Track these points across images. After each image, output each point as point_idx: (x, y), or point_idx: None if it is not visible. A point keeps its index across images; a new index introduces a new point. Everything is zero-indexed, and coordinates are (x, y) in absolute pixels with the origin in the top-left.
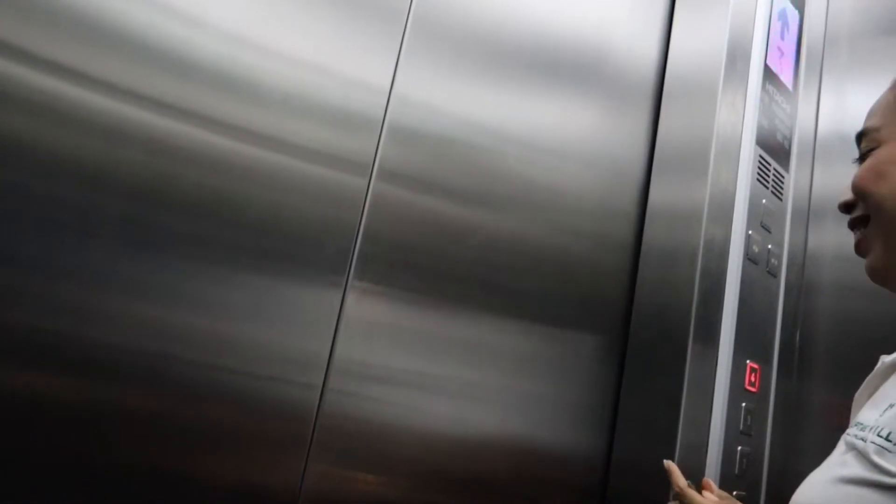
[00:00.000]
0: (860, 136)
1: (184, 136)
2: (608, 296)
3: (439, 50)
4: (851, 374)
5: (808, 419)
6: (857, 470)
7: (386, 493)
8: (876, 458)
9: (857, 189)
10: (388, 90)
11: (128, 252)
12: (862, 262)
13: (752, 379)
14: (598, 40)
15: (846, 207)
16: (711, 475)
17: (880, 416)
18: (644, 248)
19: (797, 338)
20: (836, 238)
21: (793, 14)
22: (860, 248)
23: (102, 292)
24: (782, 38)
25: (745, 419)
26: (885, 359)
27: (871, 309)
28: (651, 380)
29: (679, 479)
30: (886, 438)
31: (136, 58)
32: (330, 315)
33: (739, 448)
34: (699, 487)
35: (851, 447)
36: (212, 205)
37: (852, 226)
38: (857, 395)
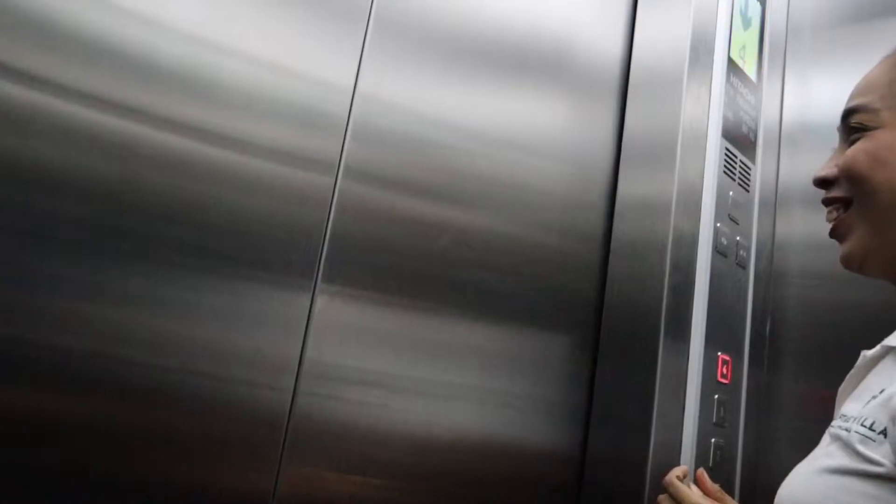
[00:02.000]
0: (851, 112)
1: (145, 139)
2: (580, 291)
3: (403, 48)
4: (821, 362)
5: (780, 408)
6: (842, 460)
7: (361, 496)
8: (860, 448)
9: (851, 171)
10: (352, 89)
11: (90, 257)
12: (828, 250)
13: (724, 371)
14: (563, 35)
15: (823, 183)
16: (686, 467)
17: (863, 406)
18: (614, 242)
19: (767, 328)
20: (803, 227)
21: (755, 6)
22: (837, 231)
23: (65, 298)
24: (745, 30)
25: (718, 411)
26: (867, 353)
27: (838, 296)
28: (624, 374)
29: (672, 471)
30: (870, 428)
31: (94, 60)
32: (300, 317)
33: (713, 440)
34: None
35: (836, 438)
36: (175, 208)
37: (828, 203)
38: (841, 389)
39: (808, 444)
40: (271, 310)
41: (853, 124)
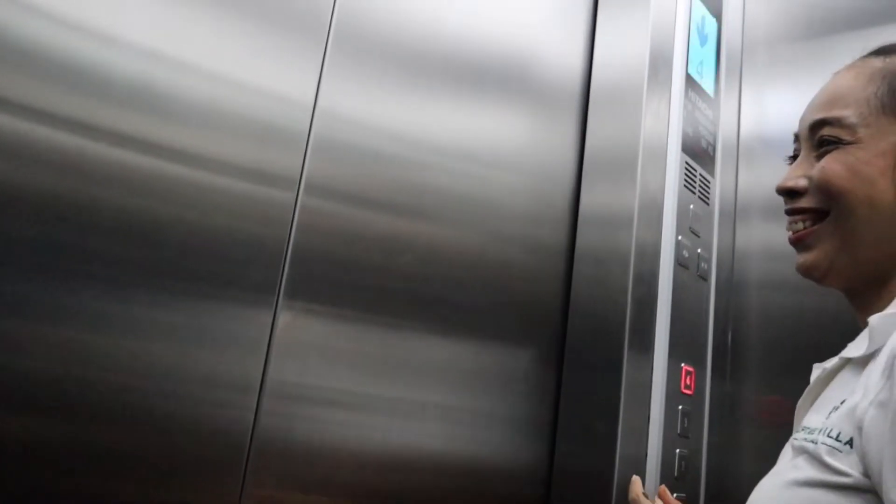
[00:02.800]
0: (822, 124)
1: (99, 156)
2: (544, 304)
3: (363, 63)
4: (782, 370)
5: (743, 417)
6: (810, 472)
7: None
8: (828, 459)
9: (829, 185)
10: (313, 104)
11: (43, 277)
12: (786, 260)
13: (688, 382)
14: (523, 50)
15: (791, 193)
16: (651, 478)
17: (826, 418)
18: (577, 255)
19: (729, 338)
20: (762, 238)
21: (711, 23)
22: (803, 241)
23: (20, 319)
24: (702, 46)
25: (683, 422)
26: (825, 365)
27: (796, 304)
28: (589, 387)
29: (636, 487)
30: (836, 439)
31: (47, 76)
32: (261, 335)
33: (678, 451)
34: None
35: (802, 451)
36: (132, 226)
37: (795, 213)
38: (800, 403)
39: (771, 452)
40: (232, 328)
41: (825, 136)
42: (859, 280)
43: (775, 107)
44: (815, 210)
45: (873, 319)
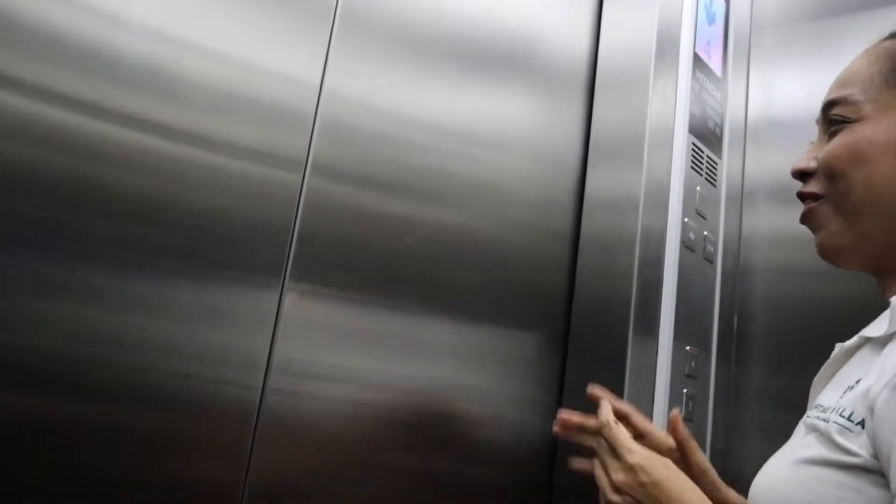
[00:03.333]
0: (831, 104)
1: (108, 137)
2: (549, 288)
3: (370, 44)
4: (787, 355)
5: (748, 401)
6: (820, 451)
7: (331, 492)
8: (838, 438)
9: (829, 167)
10: (319, 85)
11: (54, 257)
12: (794, 244)
13: (693, 365)
14: (530, 32)
15: (802, 175)
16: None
17: (840, 397)
18: (583, 238)
19: (735, 322)
20: (769, 221)
21: (719, 2)
22: (811, 220)
23: (29, 298)
24: (710, 25)
25: (687, 405)
26: (843, 345)
27: (803, 289)
28: (593, 371)
29: (605, 412)
30: (848, 419)
31: (56, 57)
32: (268, 314)
33: None
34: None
35: (813, 429)
36: (141, 206)
37: (802, 197)
38: (816, 380)
39: (775, 436)
40: (239, 308)
41: (833, 116)
42: (876, 260)
43: (784, 88)
44: (815, 195)
45: (895, 300)
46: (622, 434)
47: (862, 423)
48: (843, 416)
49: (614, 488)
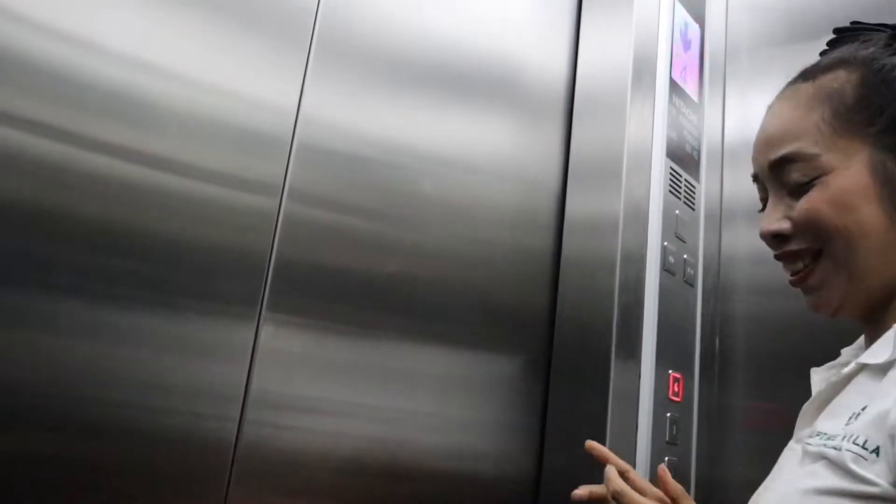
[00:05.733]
0: (784, 162)
1: (79, 164)
2: (531, 312)
3: (346, 70)
4: (770, 376)
5: (732, 423)
6: (833, 480)
7: None
8: (853, 467)
9: (818, 224)
10: (296, 111)
11: (25, 289)
12: (773, 264)
13: (676, 388)
14: (508, 57)
15: (776, 237)
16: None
17: (846, 424)
18: (563, 262)
19: (716, 344)
20: (748, 242)
21: (694, 28)
22: (807, 282)
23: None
24: (686, 51)
25: (671, 429)
26: (836, 370)
27: (784, 309)
28: (576, 396)
29: (612, 478)
30: (863, 446)
31: (25, 83)
32: (245, 346)
33: (667, 458)
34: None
35: (820, 457)
36: (113, 235)
37: (788, 257)
38: (805, 407)
39: (760, 458)
40: (216, 339)
41: (793, 175)
42: (873, 305)
43: (759, 111)
44: (809, 251)
45: None
46: (637, 498)
47: (877, 451)
48: (857, 444)
49: None
